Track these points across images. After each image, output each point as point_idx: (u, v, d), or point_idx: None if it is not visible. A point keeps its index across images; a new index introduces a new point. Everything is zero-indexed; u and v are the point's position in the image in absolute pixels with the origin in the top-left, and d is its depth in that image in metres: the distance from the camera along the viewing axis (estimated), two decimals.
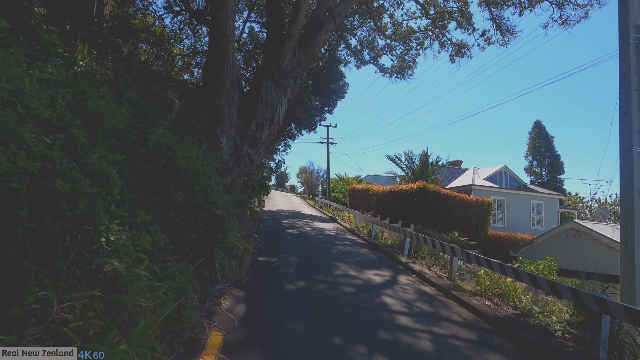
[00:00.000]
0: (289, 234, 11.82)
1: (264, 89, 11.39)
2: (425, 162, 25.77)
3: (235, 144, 10.82)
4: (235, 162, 11.06)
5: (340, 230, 14.93)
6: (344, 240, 11.87)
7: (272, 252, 8.51)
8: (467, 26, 17.53)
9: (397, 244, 11.51)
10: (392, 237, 14.62)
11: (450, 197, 19.81)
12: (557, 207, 27.80)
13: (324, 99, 15.84)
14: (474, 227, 20.37)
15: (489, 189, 25.47)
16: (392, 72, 23.28)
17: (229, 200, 9.10)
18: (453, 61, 19.97)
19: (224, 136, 10.41)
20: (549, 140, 42.89)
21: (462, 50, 19.10)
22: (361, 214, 16.62)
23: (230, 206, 7.42)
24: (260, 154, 12.17)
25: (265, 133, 11.63)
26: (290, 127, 14.32)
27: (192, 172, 5.82)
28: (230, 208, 7.04)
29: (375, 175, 45.70)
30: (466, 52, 19.09)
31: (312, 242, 10.74)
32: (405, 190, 20.32)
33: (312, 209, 26.63)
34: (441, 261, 8.79)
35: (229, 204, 8.22)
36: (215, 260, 5.23)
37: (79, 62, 6.58)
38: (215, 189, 6.69)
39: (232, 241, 6.60)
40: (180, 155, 5.89)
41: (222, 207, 6.21)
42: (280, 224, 14.84)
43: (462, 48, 19.32)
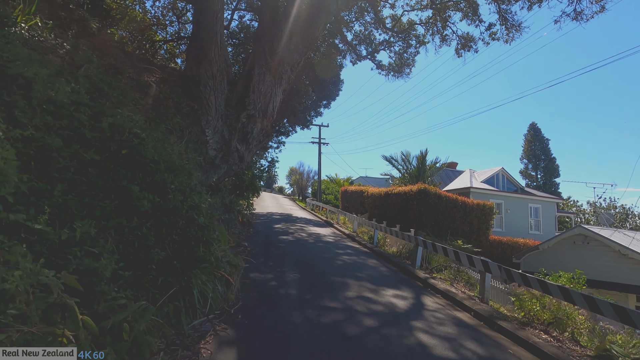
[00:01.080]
0: (283, 241, 10.44)
1: (257, 76, 9.99)
2: (423, 164, 24.76)
3: (222, 137, 9.38)
4: (222, 158, 9.62)
5: (339, 236, 13.61)
6: (346, 248, 10.55)
7: (267, 265, 7.13)
8: (473, 17, 16.53)
9: (405, 252, 10.26)
10: (395, 244, 13.39)
11: (452, 200, 18.77)
12: (555, 211, 27.21)
13: (321, 91, 14.50)
14: (475, 232, 19.39)
15: (487, 191, 24.63)
16: (389, 70, 22.13)
17: (214, 203, 7.63)
18: (459, 55, 18.84)
19: (210, 128, 8.97)
20: (545, 143, 42.64)
21: (468, 43, 18.10)
22: (359, 218, 15.36)
23: (216, 211, 5.96)
24: (251, 150, 10.75)
25: (257, 126, 10.23)
26: (284, 122, 12.90)
27: (165, 166, 4.40)
28: (216, 213, 5.58)
29: (367, 177, 44.64)
30: (472, 46, 18.12)
31: (311, 251, 9.38)
32: (404, 193, 19.18)
33: (304, 212, 25.26)
34: (463, 276, 7.57)
35: (214, 208, 6.76)
36: (193, 287, 3.83)
37: (18, 24, 5.09)
38: (197, 190, 5.28)
39: (218, 256, 5.19)
40: (150, 145, 4.47)
41: (205, 212, 4.80)
42: (272, 228, 13.43)
43: (469, 42, 18.35)
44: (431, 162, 25.46)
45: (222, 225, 7.44)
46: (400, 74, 22.00)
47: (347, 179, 42.86)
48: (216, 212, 5.77)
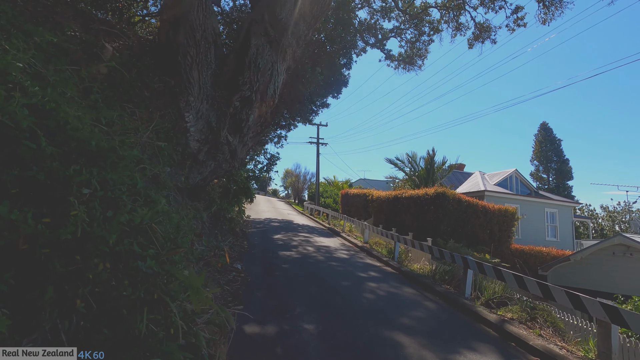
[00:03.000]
0: (287, 260, 8.19)
1: (254, 48, 7.78)
2: (432, 165, 22.75)
3: (208, 125, 7.14)
4: (209, 153, 7.38)
5: (351, 249, 11.42)
6: (367, 268, 8.36)
7: (268, 306, 4.88)
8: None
9: (441, 273, 8.10)
10: (419, 258, 11.25)
11: (472, 205, 16.72)
12: (572, 216, 25.39)
13: (330, 74, 12.20)
14: (496, 240, 17.38)
15: (502, 195, 22.69)
16: (400, 61, 20.16)
17: (189, 216, 5.37)
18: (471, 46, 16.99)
19: (191, 112, 6.72)
20: (557, 144, 40.81)
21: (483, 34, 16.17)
22: (370, 226, 13.17)
23: (189, 234, 3.66)
24: (246, 143, 8.51)
25: (254, 112, 8.00)
26: (283, 113, 10.61)
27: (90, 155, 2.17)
28: (189, 236, 3.26)
29: (368, 180, 42.65)
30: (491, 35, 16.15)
31: (326, 275, 7.14)
32: (418, 197, 17.08)
33: (304, 218, 23.03)
34: (547, 316, 5.40)
35: (189, 226, 4.49)
36: None
37: None
38: (153, 197, 3.02)
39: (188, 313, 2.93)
40: (66, 115, 2.25)
41: (162, 238, 2.56)
42: (272, 241, 11.19)
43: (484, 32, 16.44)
44: (439, 163, 23.44)
45: (200, 274, 5.21)
46: (412, 65, 20.04)
47: (346, 182, 40.78)
48: (189, 234, 3.43)
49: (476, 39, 16.07)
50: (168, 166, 6.37)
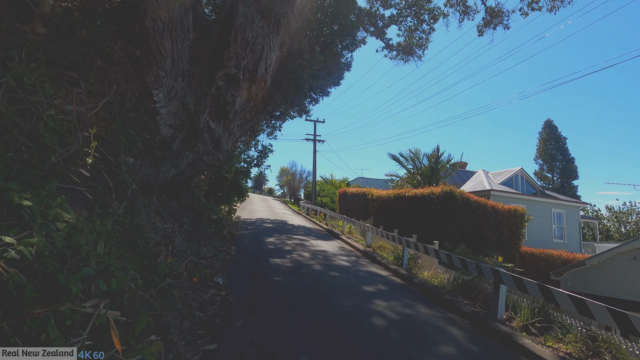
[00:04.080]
0: (279, 270, 6.92)
1: (241, 17, 6.49)
2: (437, 162, 21.57)
3: (184, 107, 5.85)
4: (185, 142, 6.09)
5: (352, 254, 10.19)
6: (372, 279, 7.12)
7: (251, 344, 3.62)
8: None
9: (460, 283, 6.90)
10: (430, 265, 10.05)
11: (481, 206, 15.56)
12: (579, 216, 24.40)
13: (330, 56, 10.80)
14: (505, 243, 16.27)
15: (509, 195, 21.60)
16: (399, 51, 18.95)
17: (144, 227, 4.13)
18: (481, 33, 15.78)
19: (162, 90, 5.44)
20: (562, 142, 39.70)
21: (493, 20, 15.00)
22: (375, 228, 11.94)
23: (126, 276, 2.34)
24: (232, 132, 7.23)
25: (241, 94, 6.72)
26: (277, 101, 9.26)
27: None
28: (123, 283, 1.94)
29: (366, 178, 41.53)
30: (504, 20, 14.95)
31: (326, 290, 5.88)
32: (423, 196, 15.88)
33: (300, 218, 21.77)
34: (615, 351, 4.20)
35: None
36: None
37: None
38: None
39: None
40: None
41: None
42: (263, 245, 9.92)
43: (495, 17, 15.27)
44: (443, 161, 22.28)
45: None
46: (410, 55, 18.83)
47: (344, 180, 39.58)
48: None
49: (486, 25, 14.87)
50: (131, 156, 5.09)
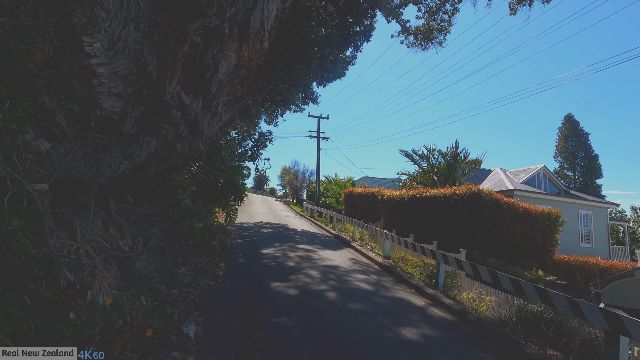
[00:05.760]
0: (282, 306, 4.97)
1: None
2: (455, 160, 19.65)
3: (140, 69, 3.96)
4: (143, 121, 4.20)
5: (371, 270, 8.30)
6: (408, 313, 5.21)
7: None
8: None
9: (530, 319, 4.99)
10: (469, 283, 8.14)
11: (512, 208, 13.64)
12: (607, 218, 22.41)
13: (344, 22, 8.70)
14: (538, 250, 14.36)
15: (533, 195, 19.65)
16: (417, 36, 17.03)
17: None
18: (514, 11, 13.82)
19: (101, 38, 3.53)
20: (584, 138, 37.34)
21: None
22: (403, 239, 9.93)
23: None
24: (217, 112, 5.33)
25: (229, 57, 4.83)
26: (279, 76, 7.21)
27: None
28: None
29: (372, 177, 39.67)
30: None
31: (350, 345, 3.96)
32: (445, 197, 13.98)
33: (304, 221, 19.89)
34: None
35: None
36: None
37: None
38: None
39: None
40: None
41: None
42: (262, 259, 8.04)
43: None
44: (461, 159, 20.36)
45: None
46: (430, 41, 16.91)
47: (348, 180, 37.69)
48: None
49: (520, 2, 12.96)
50: (46, 140, 3.24)
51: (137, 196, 6.28)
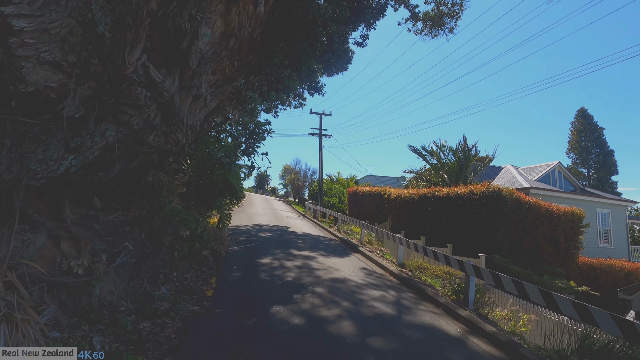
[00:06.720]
0: (285, 346, 3.91)
1: None
2: (467, 156, 18.53)
3: (85, 28, 2.84)
4: (94, 101, 3.08)
5: (386, 282, 7.21)
6: (444, 350, 4.13)
7: None
8: None
9: (596, 350, 3.90)
10: (502, 298, 7.08)
11: (534, 208, 12.52)
12: (625, 217, 21.26)
13: None
14: (561, 253, 13.27)
15: (550, 193, 18.49)
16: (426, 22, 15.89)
17: None
18: None
19: None
20: (598, 133, 35.97)
21: None
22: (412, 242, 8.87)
23: None
24: (200, 94, 4.21)
25: (213, 22, 3.72)
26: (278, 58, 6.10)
27: None
28: None
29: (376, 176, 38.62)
30: None
31: None
32: (460, 197, 12.89)
33: (306, 222, 18.80)
34: None
35: None
36: None
37: None
38: None
39: None
40: None
41: None
42: (260, 272, 6.97)
43: None
44: (472, 155, 19.26)
45: None
46: (440, 27, 15.74)
47: (352, 178, 36.63)
48: None
49: None
50: None
51: (108, 200, 5.20)
